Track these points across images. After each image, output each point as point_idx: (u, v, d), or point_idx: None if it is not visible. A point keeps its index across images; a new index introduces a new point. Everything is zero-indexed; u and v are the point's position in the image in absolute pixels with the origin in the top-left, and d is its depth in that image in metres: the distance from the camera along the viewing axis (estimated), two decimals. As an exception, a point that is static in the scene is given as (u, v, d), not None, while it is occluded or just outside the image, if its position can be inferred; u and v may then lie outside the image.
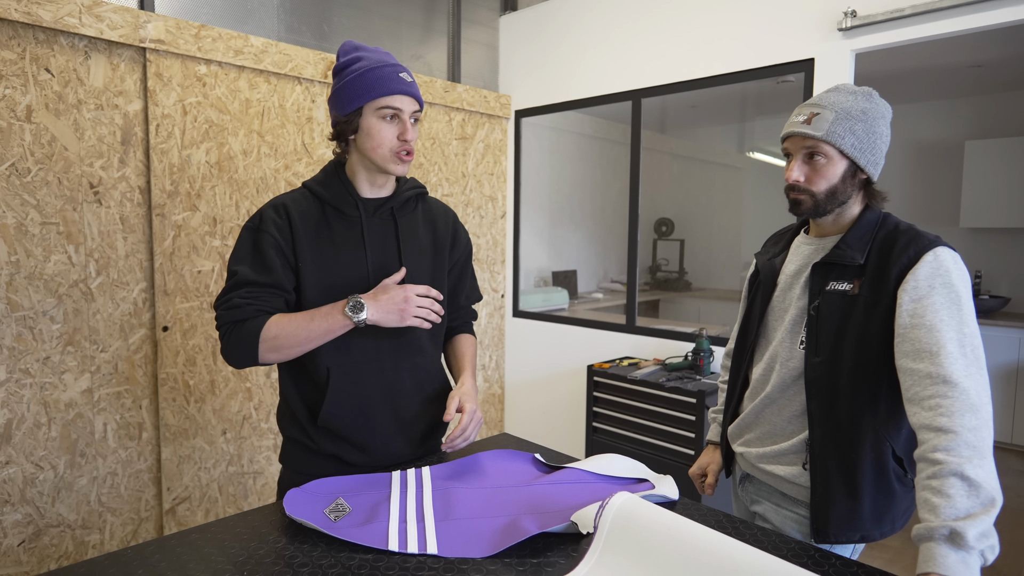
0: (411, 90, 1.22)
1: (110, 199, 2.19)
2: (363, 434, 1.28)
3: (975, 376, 1.00)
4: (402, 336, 1.31)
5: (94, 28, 2.06)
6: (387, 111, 1.21)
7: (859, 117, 1.16)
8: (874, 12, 2.30)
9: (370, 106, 1.21)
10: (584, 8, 3.25)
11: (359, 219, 1.28)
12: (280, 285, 1.21)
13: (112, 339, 2.22)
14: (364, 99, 1.20)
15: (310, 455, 1.30)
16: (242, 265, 1.22)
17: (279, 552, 0.96)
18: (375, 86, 1.20)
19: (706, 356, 2.70)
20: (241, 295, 1.19)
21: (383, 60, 1.23)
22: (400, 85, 1.21)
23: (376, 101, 1.20)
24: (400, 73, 1.22)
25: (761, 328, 1.33)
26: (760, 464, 1.29)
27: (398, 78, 1.21)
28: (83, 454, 2.18)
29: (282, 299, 1.22)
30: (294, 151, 2.64)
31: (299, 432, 1.30)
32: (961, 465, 0.91)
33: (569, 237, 4.40)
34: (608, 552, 0.92)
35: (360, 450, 1.29)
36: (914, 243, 1.12)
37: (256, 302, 1.19)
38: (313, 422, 1.28)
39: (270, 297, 1.20)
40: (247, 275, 1.20)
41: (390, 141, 1.22)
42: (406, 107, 1.22)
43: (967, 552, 0.85)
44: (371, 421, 1.29)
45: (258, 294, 1.20)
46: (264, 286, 1.20)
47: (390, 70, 1.21)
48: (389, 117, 1.21)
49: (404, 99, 1.21)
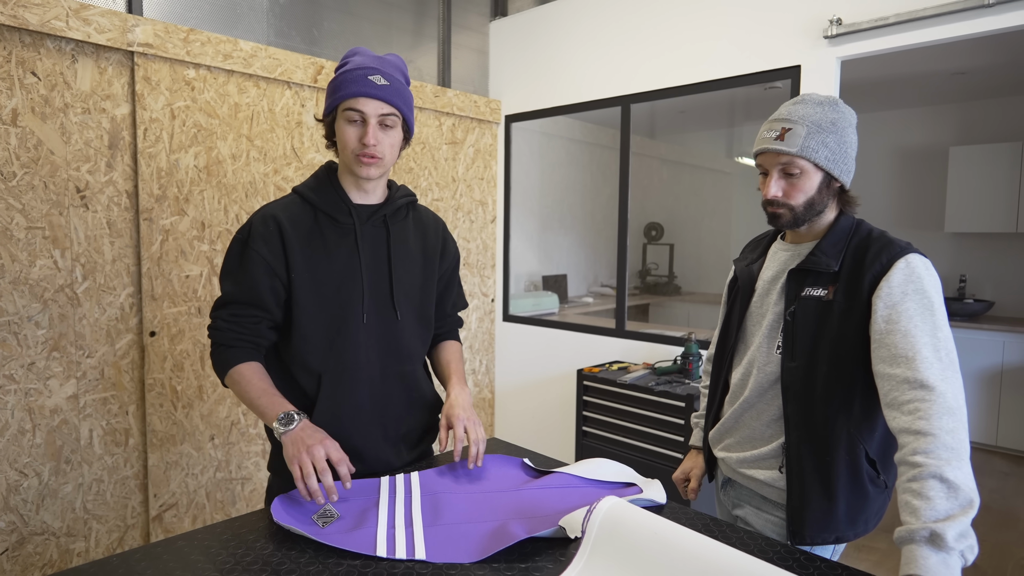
0: (377, 93, 1.19)
1: (97, 203, 2.17)
2: (354, 441, 1.27)
3: (951, 379, 1.02)
4: (391, 344, 1.31)
5: (81, 32, 2.05)
6: (351, 113, 1.20)
7: (829, 129, 1.18)
8: (859, 20, 2.33)
9: (339, 108, 1.22)
10: (574, 14, 3.27)
11: (352, 226, 1.28)
12: (262, 306, 1.23)
13: (98, 344, 2.20)
14: (335, 101, 1.21)
15: None
16: (228, 281, 1.24)
17: (266, 559, 0.96)
18: (341, 88, 1.20)
19: (695, 360, 2.72)
20: (224, 317, 1.22)
21: (362, 64, 1.22)
22: (363, 88, 1.18)
23: (342, 103, 1.21)
24: (371, 76, 1.19)
25: (740, 333, 1.34)
26: (740, 468, 1.31)
27: (365, 80, 1.19)
28: (68, 461, 2.16)
29: (263, 322, 1.24)
30: (283, 155, 2.64)
31: None
32: (940, 468, 0.93)
33: (559, 241, 4.41)
34: (595, 556, 0.92)
35: (352, 456, 1.27)
36: (886, 250, 1.14)
37: (236, 327, 1.22)
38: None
39: (251, 321, 1.22)
40: (230, 293, 1.23)
41: (352, 143, 1.21)
42: (369, 110, 1.19)
43: (947, 553, 0.87)
44: (362, 428, 1.29)
45: (239, 317, 1.22)
46: (246, 306, 1.22)
47: (361, 72, 1.19)
48: (354, 119, 1.21)
49: (368, 102, 1.19)
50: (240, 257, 1.23)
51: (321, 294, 1.25)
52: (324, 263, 1.25)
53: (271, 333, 1.26)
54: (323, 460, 1.08)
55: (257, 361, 1.23)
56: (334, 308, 1.26)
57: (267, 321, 1.24)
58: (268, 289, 1.22)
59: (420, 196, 3.23)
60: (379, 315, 1.30)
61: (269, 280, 1.22)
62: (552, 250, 4.32)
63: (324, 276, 1.25)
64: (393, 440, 1.34)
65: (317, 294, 1.25)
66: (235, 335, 1.21)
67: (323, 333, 1.25)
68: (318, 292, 1.25)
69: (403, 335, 1.33)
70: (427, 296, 1.37)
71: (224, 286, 1.24)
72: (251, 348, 1.23)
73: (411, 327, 1.34)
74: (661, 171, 5.26)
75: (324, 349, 1.25)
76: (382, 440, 1.32)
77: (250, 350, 1.23)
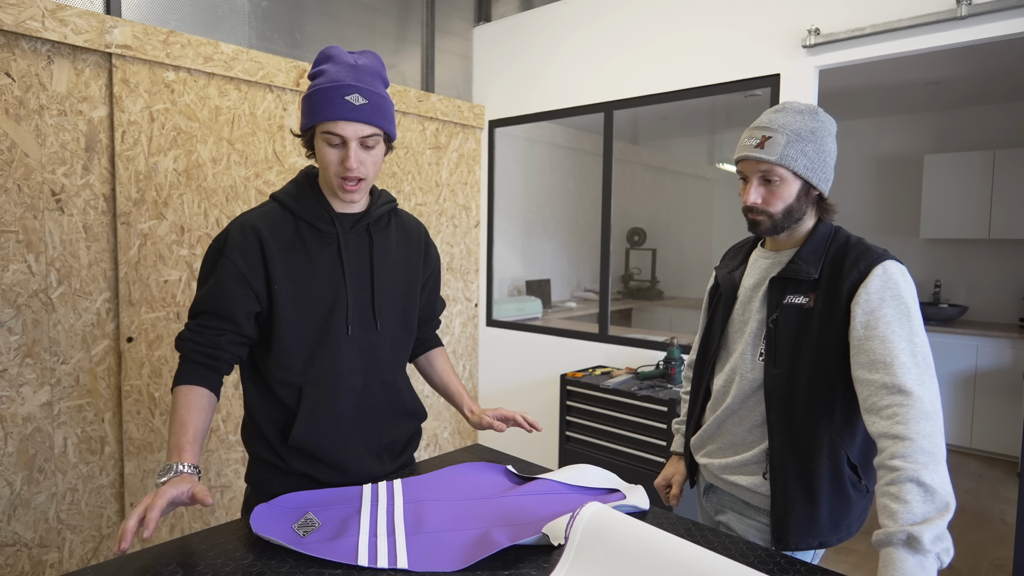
0: (357, 115, 1.13)
1: (73, 207, 2.13)
2: (335, 453, 1.25)
3: (927, 384, 1.04)
4: (374, 354, 1.29)
5: (58, 32, 2.02)
6: (331, 137, 1.15)
7: (809, 138, 1.19)
8: (836, 30, 2.38)
9: (317, 129, 1.16)
10: (558, 20, 3.29)
11: (336, 235, 1.24)
12: (229, 317, 1.18)
13: (73, 351, 2.16)
14: (313, 120, 1.15)
15: (279, 474, 1.26)
16: (200, 289, 1.21)
17: (246, 569, 0.94)
18: (319, 109, 1.13)
19: (677, 365, 2.74)
20: (191, 327, 1.19)
21: (338, 79, 1.14)
22: (343, 110, 1.12)
23: (321, 125, 1.15)
24: (348, 95, 1.13)
25: (722, 340, 1.36)
26: (723, 475, 1.32)
27: (343, 102, 1.12)
28: (41, 470, 2.11)
29: (226, 335, 1.19)
30: (265, 159, 2.61)
31: (268, 451, 1.26)
32: (918, 471, 0.94)
33: (543, 246, 4.42)
34: (578, 563, 0.92)
35: (333, 468, 1.26)
36: (863, 257, 1.16)
37: (197, 339, 1.18)
38: (283, 441, 1.24)
39: (213, 333, 1.18)
40: (198, 302, 1.20)
41: (333, 166, 1.17)
42: (348, 133, 1.14)
43: (924, 556, 0.88)
44: (344, 439, 1.26)
45: (204, 328, 1.18)
46: (213, 317, 1.19)
47: (337, 91, 1.12)
48: (334, 143, 1.16)
49: (348, 125, 1.13)
50: (213, 265, 1.20)
51: (304, 305, 1.22)
52: (306, 273, 1.22)
53: (236, 348, 1.20)
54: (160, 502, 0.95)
55: (203, 386, 1.16)
56: (317, 319, 1.23)
57: (232, 335, 1.19)
58: (238, 301, 1.18)
59: (403, 201, 3.21)
60: (362, 325, 1.27)
61: (241, 291, 1.18)
62: (535, 255, 4.33)
63: (306, 286, 1.22)
64: (376, 451, 1.32)
65: (299, 305, 1.21)
66: (194, 346, 1.17)
67: (305, 344, 1.22)
68: (300, 303, 1.21)
69: (386, 345, 1.31)
70: (411, 303, 1.36)
71: (197, 295, 1.21)
72: (204, 367, 1.17)
73: (394, 336, 1.33)
74: (644, 177, 5.30)
75: (305, 360, 1.22)
76: (364, 451, 1.29)
77: (202, 370, 1.17)
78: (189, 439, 1.08)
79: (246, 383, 1.28)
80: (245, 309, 1.19)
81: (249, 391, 1.28)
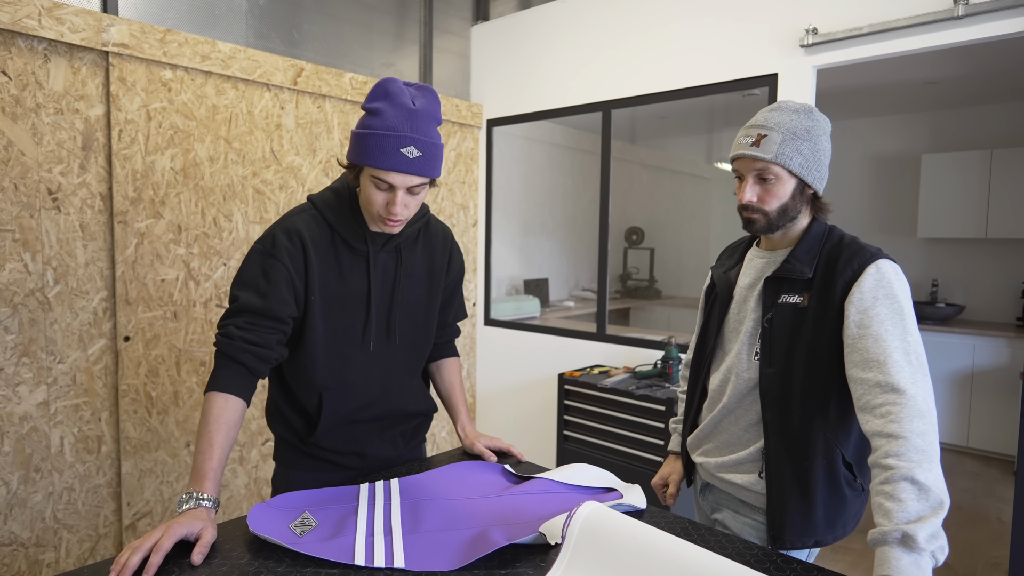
0: (410, 168, 1.15)
1: (70, 206, 2.13)
2: (354, 445, 1.35)
3: (920, 382, 1.04)
4: (392, 364, 1.37)
5: (54, 31, 2.01)
6: (379, 183, 1.17)
7: (804, 136, 1.20)
8: (834, 30, 2.38)
9: (367, 171, 1.18)
10: (556, 20, 3.29)
11: (367, 254, 1.29)
12: (280, 318, 1.20)
13: (70, 350, 2.15)
14: (362, 162, 1.16)
15: (304, 456, 1.35)
16: (247, 291, 1.20)
17: (242, 569, 0.94)
18: (373, 155, 1.14)
19: (675, 364, 2.74)
20: (239, 325, 1.18)
21: (394, 127, 1.14)
22: (397, 163, 1.14)
23: (370, 169, 1.16)
24: (403, 148, 1.14)
25: (718, 340, 1.36)
26: (719, 473, 1.32)
27: (398, 154, 1.13)
28: (38, 469, 2.10)
29: (278, 334, 1.21)
30: (262, 158, 2.61)
31: (292, 436, 1.35)
32: (912, 470, 0.95)
33: (541, 246, 4.42)
34: (575, 562, 0.92)
35: (353, 455, 1.36)
36: (857, 256, 1.16)
37: (249, 335, 1.17)
38: (308, 433, 1.33)
39: (266, 331, 1.19)
40: (248, 303, 1.19)
41: (377, 207, 1.20)
42: (399, 183, 1.16)
43: (919, 554, 0.88)
44: (362, 436, 1.36)
45: (255, 326, 1.18)
46: (264, 316, 1.19)
47: (393, 142, 1.14)
48: (382, 188, 1.18)
49: (399, 176, 1.15)
50: (263, 268, 1.21)
51: (330, 315, 1.28)
52: (335, 285, 1.27)
53: (281, 348, 1.23)
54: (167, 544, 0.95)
55: (239, 395, 1.16)
56: (341, 329, 1.29)
57: (280, 335, 1.22)
58: (288, 303, 1.21)
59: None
60: (383, 340, 1.34)
61: (289, 295, 1.22)
62: (533, 254, 4.33)
63: (335, 298, 1.27)
64: (392, 441, 1.41)
65: (327, 315, 1.27)
66: (245, 345, 1.17)
67: (328, 352, 1.28)
68: (328, 313, 1.27)
69: (404, 355, 1.38)
70: (430, 313, 1.41)
71: (242, 295, 1.20)
72: (246, 370, 1.18)
73: (412, 345, 1.40)
74: (642, 176, 5.30)
75: (327, 369, 1.29)
76: (378, 438, 1.39)
77: (243, 372, 1.18)
78: (214, 464, 1.09)
79: (272, 384, 1.36)
80: (290, 312, 1.22)
81: (275, 391, 1.36)
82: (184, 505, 1.04)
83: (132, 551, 0.92)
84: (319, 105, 2.80)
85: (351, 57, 3.04)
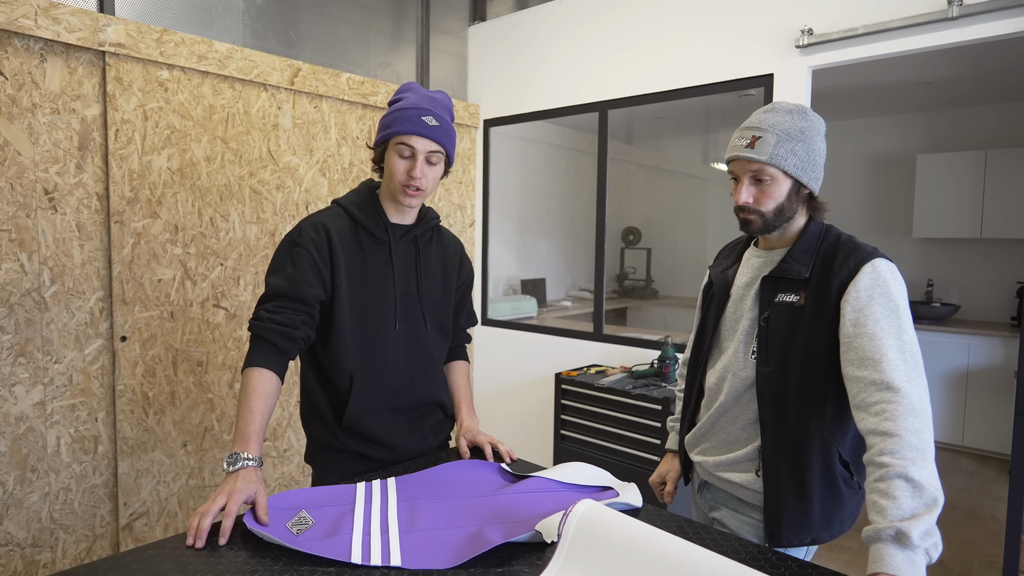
0: (428, 132, 1.31)
1: (66, 205, 2.13)
2: (383, 433, 1.40)
3: (915, 381, 1.05)
4: (418, 350, 1.44)
5: (51, 30, 2.01)
6: (403, 148, 1.31)
7: (798, 137, 1.20)
8: (829, 31, 2.39)
9: (392, 141, 1.33)
10: (552, 20, 3.30)
11: (388, 243, 1.40)
12: (305, 299, 1.29)
13: (67, 350, 2.15)
14: (388, 133, 1.32)
15: (336, 454, 1.41)
16: (275, 277, 1.32)
17: (239, 567, 0.94)
18: (397, 123, 1.31)
19: (671, 363, 2.75)
20: (268, 309, 1.28)
21: (417, 103, 1.33)
22: (417, 127, 1.30)
23: (395, 138, 1.32)
24: (424, 116, 1.31)
25: (715, 338, 1.36)
26: (717, 472, 1.32)
27: (419, 120, 1.30)
28: (34, 469, 2.10)
29: (303, 315, 1.29)
30: (259, 158, 2.61)
31: (326, 433, 1.40)
32: (906, 467, 0.95)
33: (538, 245, 4.43)
34: (571, 560, 0.93)
35: (383, 446, 1.41)
36: (853, 255, 1.17)
37: (276, 317, 1.26)
38: (338, 422, 1.39)
39: (292, 312, 1.28)
40: (276, 287, 1.30)
41: (400, 175, 1.33)
42: (419, 147, 1.31)
43: (912, 551, 0.89)
44: (390, 422, 1.42)
45: (282, 309, 1.28)
46: (289, 299, 1.29)
47: (415, 112, 1.31)
48: (404, 154, 1.32)
49: (419, 140, 1.31)
50: (290, 256, 1.32)
51: (358, 301, 1.36)
52: (361, 273, 1.37)
53: (308, 330, 1.30)
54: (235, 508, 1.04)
55: (272, 369, 1.24)
56: (369, 315, 1.37)
57: (306, 316, 1.29)
58: (313, 286, 1.30)
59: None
60: (408, 323, 1.42)
61: (315, 278, 1.31)
62: (531, 254, 4.33)
63: (361, 285, 1.37)
64: (420, 431, 1.47)
65: (354, 301, 1.36)
66: (273, 326, 1.25)
67: (358, 337, 1.36)
68: (354, 298, 1.36)
69: (428, 342, 1.46)
70: (445, 310, 1.51)
71: (271, 282, 1.31)
72: (276, 348, 1.26)
73: (434, 336, 1.48)
74: (639, 176, 5.31)
75: (357, 350, 1.36)
76: (408, 431, 1.45)
77: (274, 351, 1.26)
78: (256, 428, 1.17)
79: (306, 371, 1.42)
80: (316, 295, 1.31)
81: (309, 379, 1.41)
82: (232, 466, 1.11)
83: (201, 516, 1.02)
84: (316, 105, 2.80)
85: (348, 57, 3.04)
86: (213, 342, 2.51)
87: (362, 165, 3.00)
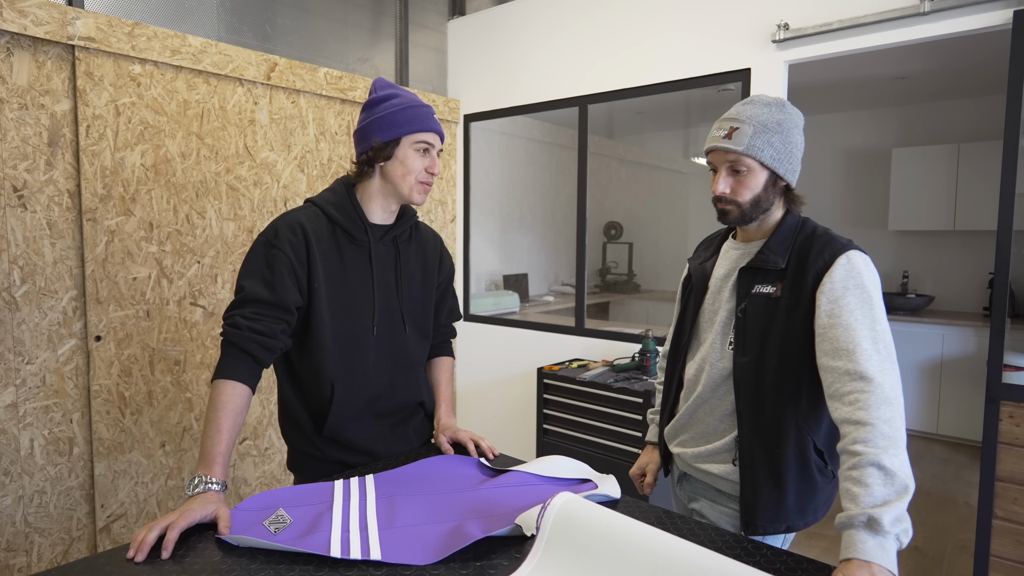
0: (441, 129, 1.37)
1: (36, 203, 2.08)
2: (365, 442, 1.37)
3: (888, 371, 1.07)
4: (398, 353, 1.41)
5: (17, 23, 1.96)
6: (422, 144, 1.33)
7: (775, 129, 1.22)
8: (805, 26, 2.41)
9: (408, 138, 1.32)
10: (532, 14, 3.29)
11: (367, 244, 1.36)
12: (284, 306, 1.24)
13: (39, 350, 2.11)
14: (404, 131, 1.31)
15: (317, 463, 1.37)
16: (251, 280, 1.25)
17: (215, 566, 0.94)
18: (415, 121, 1.32)
19: (652, 357, 2.77)
20: (245, 314, 1.22)
21: (416, 100, 1.35)
22: (434, 124, 1.35)
23: (414, 135, 1.32)
24: (433, 114, 1.36)
25: (694, 330, 1.38)
26: (695, 463, 1.34)
27: (432, 117, 1.35)
28: (7, 472, 2.06)
29: (282, 323, 1.25)
30: (236, 154, 2.57)
31: (306, 443, 1.37)
32: (878, 456, 0.97)
33: (520, 241, 4.43)
34: (549, 552, 0.93)
35: (364, 453, 1.38)
36: (828, 247, 1.19)
37: (256, 324, 1.21)
38: (318, 432, 1.35)
39: (271, 320, 1.23)
40: (254, 291, 1.23)
41: (418, 171, 1.33)
42: (436, 143, 1.35)
43: (884, 537, 0.91)
44: (372, 428, 1.39)
45: (260, 315, 1.22)
46: (269, 305, 1.23)
47: (426, 111, 1.35)
48: (423, 150, 1.33)
49: (435, 137, 1.35)
50: (266, 258, 1.26)
51: (337, 305, 1.32)
52: (339, 275, 1.33)
53: (285, 338, 1.26)
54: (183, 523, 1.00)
55: (245, 382, 1.19)
56: (348, 320, 1.33)
57: (285, 324, 1.25)
58: (291, 292, 1.25)
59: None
60: (388, 327, 1.39)
61: (292, 283, 1.26)
62: (513, 249, 4.33)
63: (340, 289, 1.32)
64: (402, 434, 1.45)
65: (333, 305, 1.32)
66: (252, 335, 1.20)
67: (338, 342, 1.32)
68: (334, 303, 1.32)
69: (408, 345, 1.43)
70: (426, 309, 1.48)
71: (247, 285, 1.24)
72: (251, 359, 1.20)
73: (414, 338, 1.45)
74: (620, 171, 5.33)
75: (337, 357, 1.32)
76: (390, 434, 1.42)
77: (249, 361, 1.20)
78: (222, 449, 1.13)
79: (281, 378, 1.37)
80: (295, 300, 1.26)
81: (285, 387, 1.37)
82: (194, 489, 1.08)
83: (148, 529, 0.97)
84: (294, 100, 2.77)
85: (326, 52, 3.01)
86: (191, 341, 2.47)
87: (341, 161, 2.98)
